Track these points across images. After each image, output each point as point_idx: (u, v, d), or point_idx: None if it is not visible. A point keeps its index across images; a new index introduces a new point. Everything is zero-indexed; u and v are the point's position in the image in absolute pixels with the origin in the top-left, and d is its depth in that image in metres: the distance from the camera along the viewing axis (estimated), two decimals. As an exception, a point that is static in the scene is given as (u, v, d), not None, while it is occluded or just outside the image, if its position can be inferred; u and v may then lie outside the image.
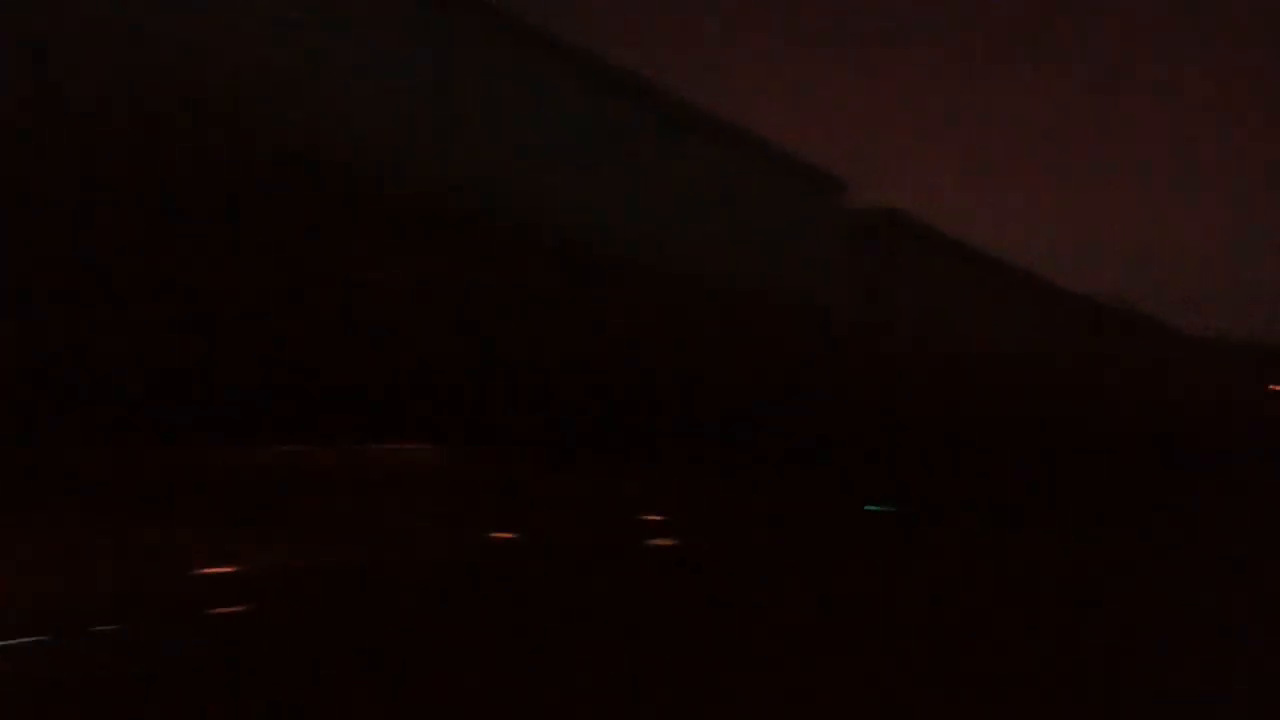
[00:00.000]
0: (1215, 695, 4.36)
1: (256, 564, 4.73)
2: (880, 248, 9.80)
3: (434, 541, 5.71)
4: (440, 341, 5.64)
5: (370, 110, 4.96)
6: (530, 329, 6.08)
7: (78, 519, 4.25)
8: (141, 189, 4.02)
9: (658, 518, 7.27)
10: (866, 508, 10.66)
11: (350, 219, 4.96)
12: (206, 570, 4.60)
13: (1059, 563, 8.15)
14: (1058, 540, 9.30)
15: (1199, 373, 23.26)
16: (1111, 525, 11.04)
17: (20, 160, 3.57)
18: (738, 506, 7.92)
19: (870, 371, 9.27)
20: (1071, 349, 14.63)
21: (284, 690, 3.39)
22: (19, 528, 4.06)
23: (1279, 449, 30.39)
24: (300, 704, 3.28)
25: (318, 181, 4.72)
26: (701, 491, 7.70)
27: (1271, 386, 39.61)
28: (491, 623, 4.54)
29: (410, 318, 5.40)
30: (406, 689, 3.51)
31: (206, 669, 3.54)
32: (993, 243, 14.56)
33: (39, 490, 4.01)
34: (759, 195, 8.04)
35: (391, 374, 5.24)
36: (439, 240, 5.52)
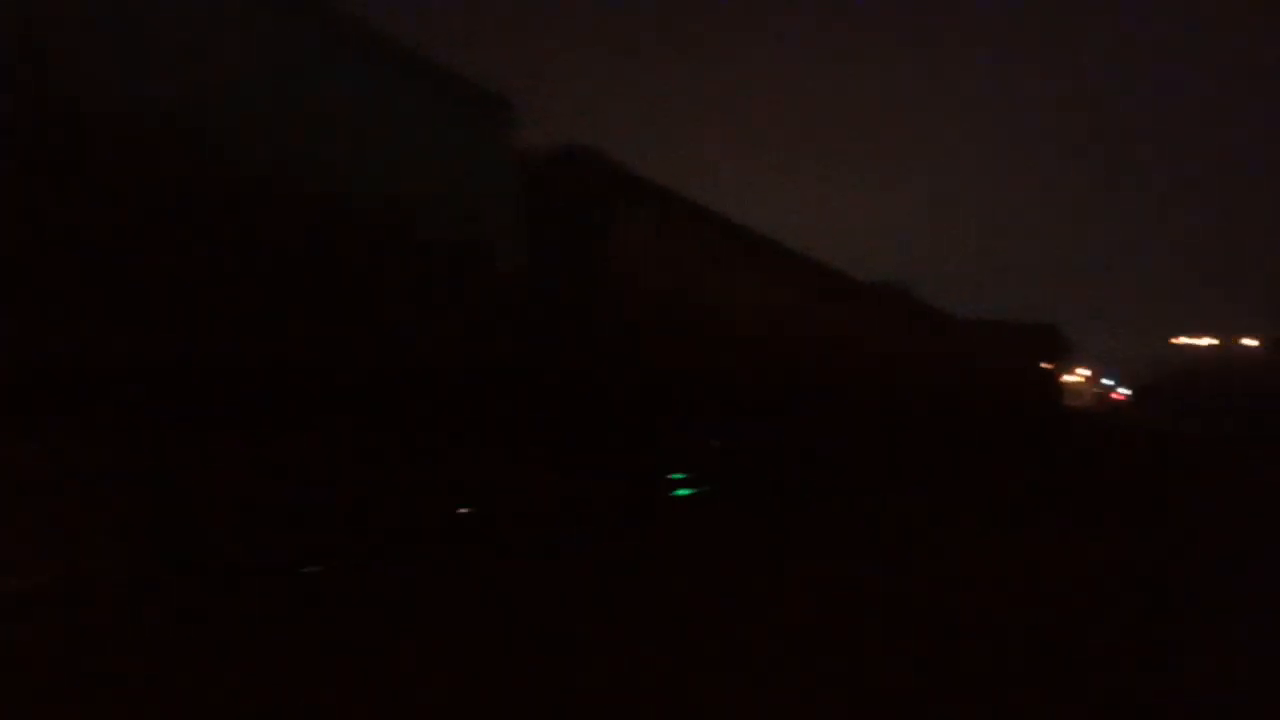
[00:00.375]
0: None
1: None
2: (564, 187, 8.18)
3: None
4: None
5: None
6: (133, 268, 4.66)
7: None
8: None
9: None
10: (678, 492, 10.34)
11: None
12: None
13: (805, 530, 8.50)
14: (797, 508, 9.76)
15: (967, 349, 23.75)
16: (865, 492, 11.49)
17: None
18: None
19: (555, 328, 7.77)
20: (807, 313, 13.29)
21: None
22: None
23: (1051, 421, 32.31)
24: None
25: None
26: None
27: (1044, 364, 42.72)
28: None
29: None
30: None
31: None
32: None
33: None
34: (418, 119, 6.49)
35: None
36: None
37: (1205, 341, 66.49)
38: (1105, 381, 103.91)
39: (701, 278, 10.09)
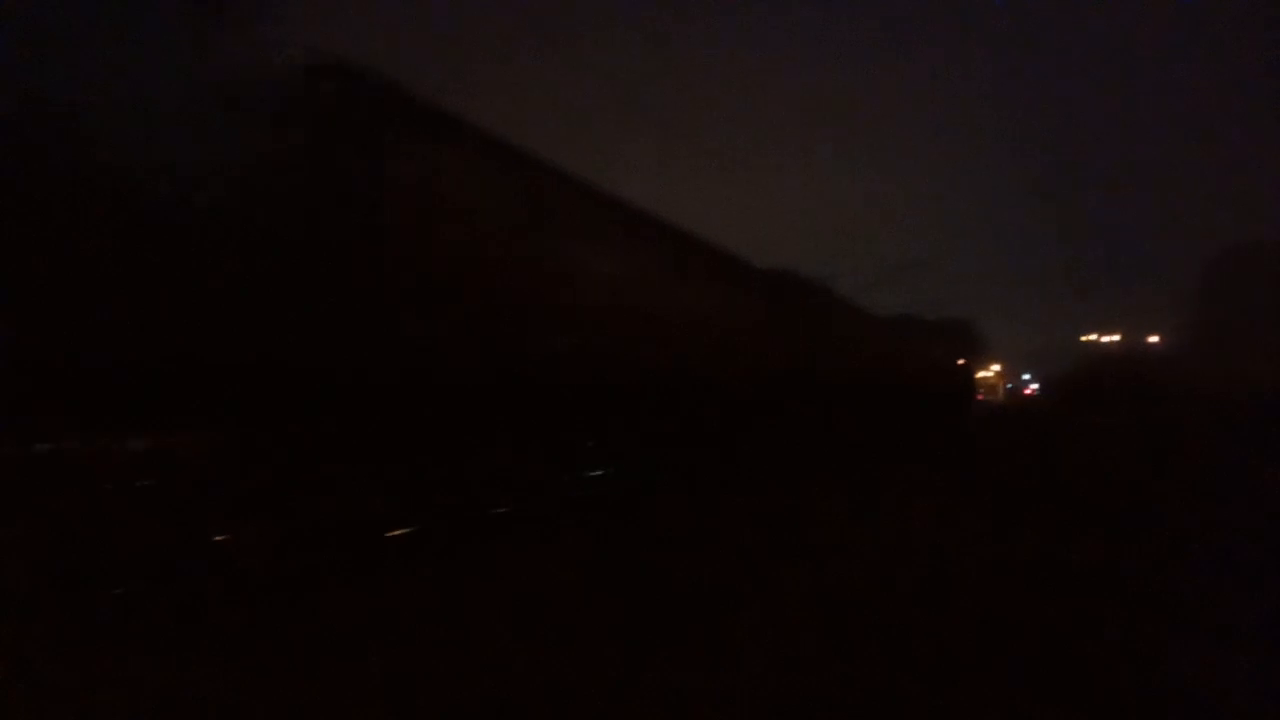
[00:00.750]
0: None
1: None
2: (320, 115, 5.86)
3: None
4: None
5: None
6: None
7: None
8: None
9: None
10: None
11: None
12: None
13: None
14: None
15: (880, 343, 23.28)
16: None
17: None
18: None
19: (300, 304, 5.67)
20: (676, 294, 11.01)
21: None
22: None
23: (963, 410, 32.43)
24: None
25: None
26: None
27: (959, 360, 43.33)
28: None
29: None
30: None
31: None
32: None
33: None
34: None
35: None
36: None
37: (1111, 338, 68.55)
38: (1025, 377, 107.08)
39: (527, 244, 7.87)
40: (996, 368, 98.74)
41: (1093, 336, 72.01)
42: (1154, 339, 64.15)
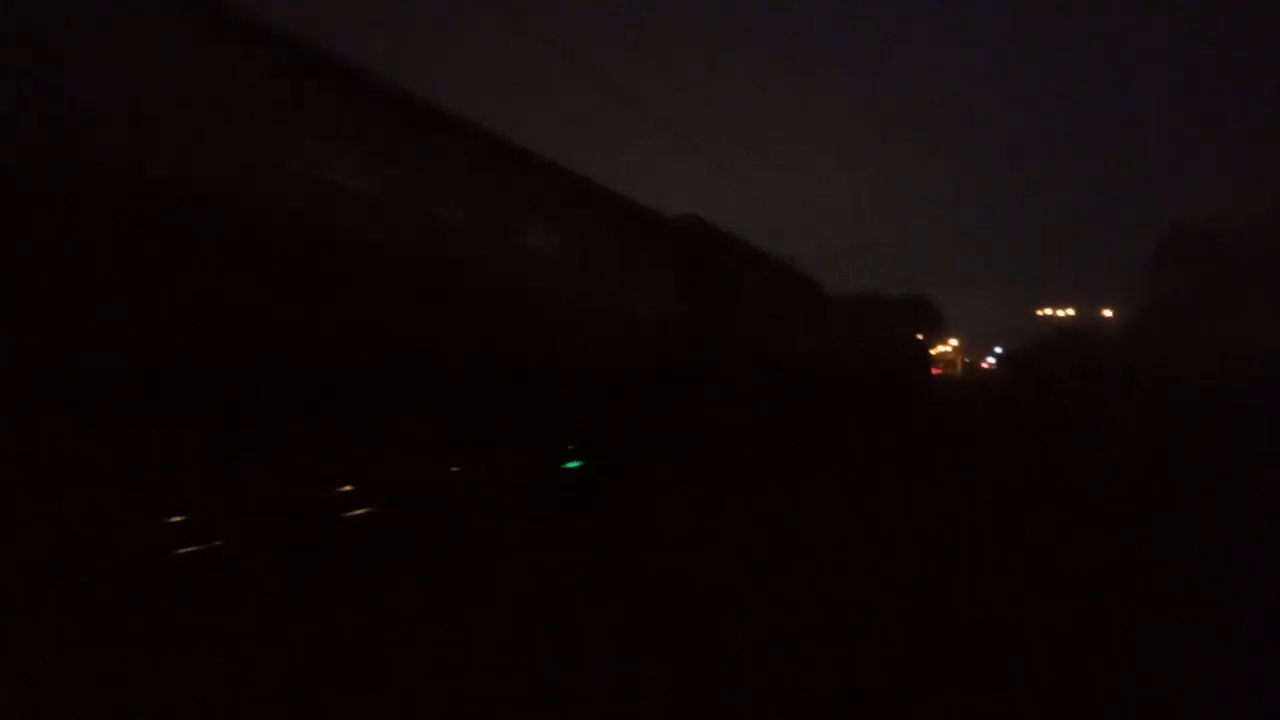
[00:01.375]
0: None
1: None
2: None
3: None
4: None
5: None
6: None
7: None
8: None
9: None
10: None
11: None
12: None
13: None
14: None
15: (828, 319, 22.75)
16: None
17: None
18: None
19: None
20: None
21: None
22: None
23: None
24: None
25: None
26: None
27: (919, 336, 43.96)
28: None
29: None
30: None
31: None
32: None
33: None
34: None
35: None
36: None
37: (1066, 312, 69.70)
38: (997, 350, 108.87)
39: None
40: (954, 343, 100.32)
41: (1048, 311, 73.16)
42: (1108, 313, 65.27)
